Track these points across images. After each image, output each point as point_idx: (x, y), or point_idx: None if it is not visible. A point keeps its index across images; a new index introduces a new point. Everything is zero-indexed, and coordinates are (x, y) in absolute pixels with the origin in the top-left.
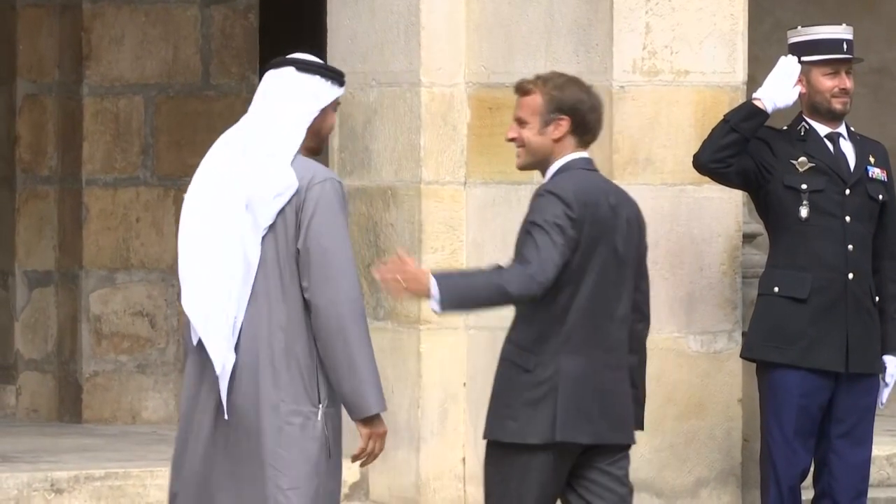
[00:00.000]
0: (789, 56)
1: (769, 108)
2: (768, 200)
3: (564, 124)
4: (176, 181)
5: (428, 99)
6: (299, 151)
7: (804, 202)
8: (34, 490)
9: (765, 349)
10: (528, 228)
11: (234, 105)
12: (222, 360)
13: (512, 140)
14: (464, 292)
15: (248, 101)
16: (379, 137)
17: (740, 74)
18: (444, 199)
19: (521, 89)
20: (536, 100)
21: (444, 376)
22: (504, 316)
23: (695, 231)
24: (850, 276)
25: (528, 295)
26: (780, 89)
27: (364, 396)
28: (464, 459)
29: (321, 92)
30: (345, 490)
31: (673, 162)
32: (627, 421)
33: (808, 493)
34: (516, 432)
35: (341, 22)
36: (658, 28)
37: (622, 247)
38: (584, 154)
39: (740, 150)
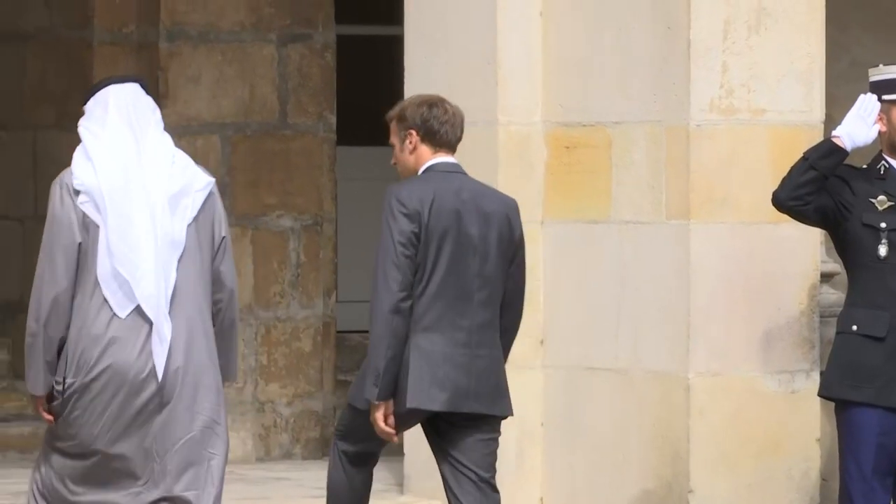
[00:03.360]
0: (869, 94)
1: (848, 146)
2: (846, 239)
3: (413, 136)
4: (253, 220)
5: (505, 137)
6: None
7: (883, 240)
8: None
9: (842, 387)
10: (380, 241)
11: (311, 144)
12: (169, 331)
13: (394, 164)
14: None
15: (326, 140)
16: None
17: (818, 113)
18: None
19: (387, 119)
20: (393, 126)
21: (521, 415)
22: (582, 354)
23: (772, 270)
24: None
25: (398, 301)
26: (860, 127)
27: (237, 363)
28: (541, 499)
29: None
30: None
31: (750, 201)
32: (487, 395)
33: None
34: (355, 398)
35: (418, 60)
36: (735, 67)
37: (478, 239)
38: (443, 159)
39: (819, 187)
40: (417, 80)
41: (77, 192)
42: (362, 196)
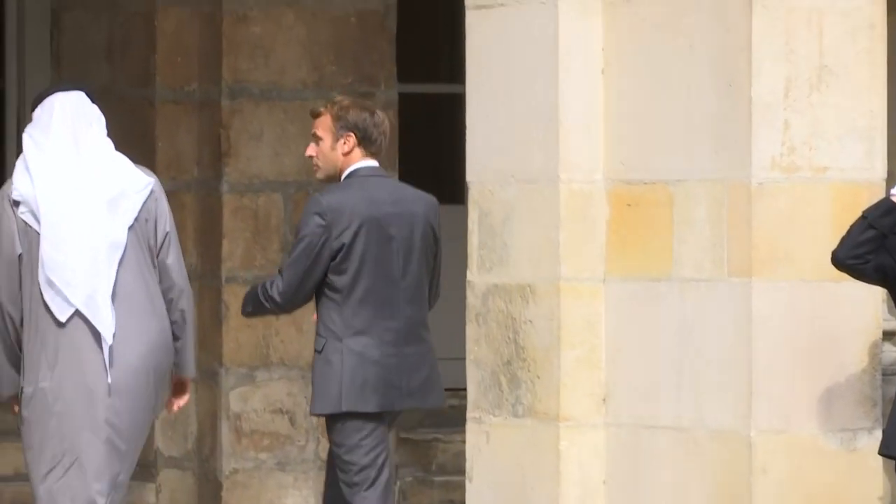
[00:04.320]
0: None
1: None
2: None
3: (351, 139)
4: None
5: (567, 195)
6: None
7: None
8: None
9: None
10: (294, 239)
11: None
12: (110, 330)
13: (311, 157)
14: (247, 298)
15: None
16: (517, 234)
17: (879, 170)
18: (583, 295)
19: (314, 113)
20: (327, 120)
21: (584, 473)
22: (645, 412)
23: (834, 328)
24: None
25: (275, 307)
26: None
27: (193, 359)
28: None
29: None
30: None
31: (812, 258)
32: (421, 390)
33: None
34: (314, 406)
35: (480, 118)
36: (796, 124)
37: (401, 241)
38: (369, 163)
39: (878, 246)
40: (479, 138)
41: (17, 203)
42: None
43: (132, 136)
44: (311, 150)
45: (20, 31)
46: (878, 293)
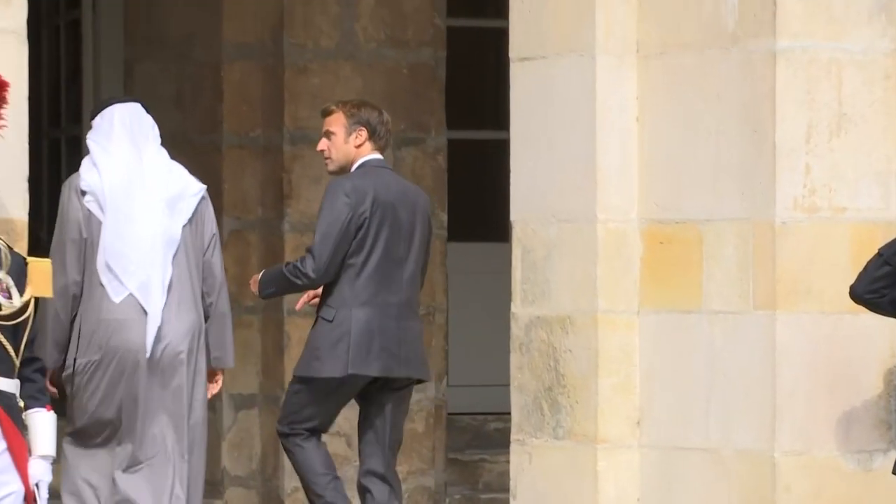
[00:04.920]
0: None
1: None
2: None
3: (363, 133)
4: None
5: (604, 234)
6: None
7: None
8: None
9: None
10: (318, 220)
11: None
12: (158, 311)
13: (322, 151)
14: (268, 280)
15: (438, 237)
16: (558, 269)
17: (894, 211)
18: (619, 326)
19: (326, 112)
20: (340, 117)
21: (619, 492)
22: (676, 434)
23: (851, 356)
24: None
25: (308, 282)
26: None
27: (231, 352)
28: None
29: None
30: None
31: (831, 292)
32: (415, 361)
33: None
34: (319, 369)
35: (524, 163)
36: (817, 168)
37: (407, 225)
38: (377, 156)
39: (893, 281)
40: (523, 181)
41: (83, 193)
42: (471, 288)
43: (200, 179)
44: (322, 144)
45: (96, 81)
46: (893, 324)
